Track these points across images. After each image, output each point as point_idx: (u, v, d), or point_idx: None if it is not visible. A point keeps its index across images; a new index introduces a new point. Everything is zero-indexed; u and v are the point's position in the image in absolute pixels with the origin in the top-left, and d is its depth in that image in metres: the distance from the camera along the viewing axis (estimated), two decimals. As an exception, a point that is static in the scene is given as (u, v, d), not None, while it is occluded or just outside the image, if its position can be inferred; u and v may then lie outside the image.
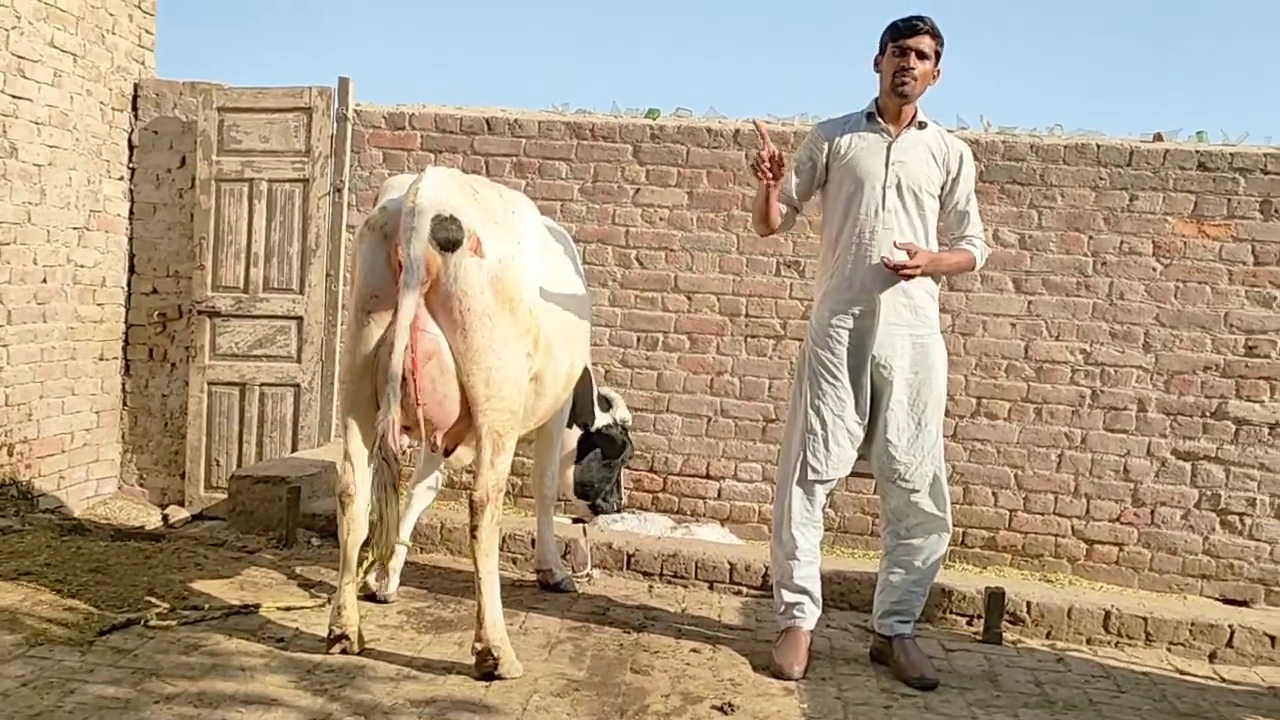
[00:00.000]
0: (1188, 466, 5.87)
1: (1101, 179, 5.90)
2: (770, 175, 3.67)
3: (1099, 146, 5.93)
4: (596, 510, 5.06)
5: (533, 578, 4.59)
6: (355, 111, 6.43)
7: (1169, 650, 4.33)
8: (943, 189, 3.82)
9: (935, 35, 3.71)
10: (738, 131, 6.20)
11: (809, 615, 3.83)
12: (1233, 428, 5.83)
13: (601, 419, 4.85)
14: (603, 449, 4.85)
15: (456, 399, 3.35)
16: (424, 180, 3.34)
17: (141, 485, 6.75)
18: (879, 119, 3.80)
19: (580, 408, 4.72)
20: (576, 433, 4.79)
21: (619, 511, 5.27)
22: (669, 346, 6.26)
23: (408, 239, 3.24)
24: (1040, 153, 5.95)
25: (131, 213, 6.69)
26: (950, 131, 4.08)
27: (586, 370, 4.63)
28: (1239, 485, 5.82)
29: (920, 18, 3.70)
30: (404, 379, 3.24)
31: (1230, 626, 4.34)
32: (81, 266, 6.28)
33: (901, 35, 3.70)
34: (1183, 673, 4.10)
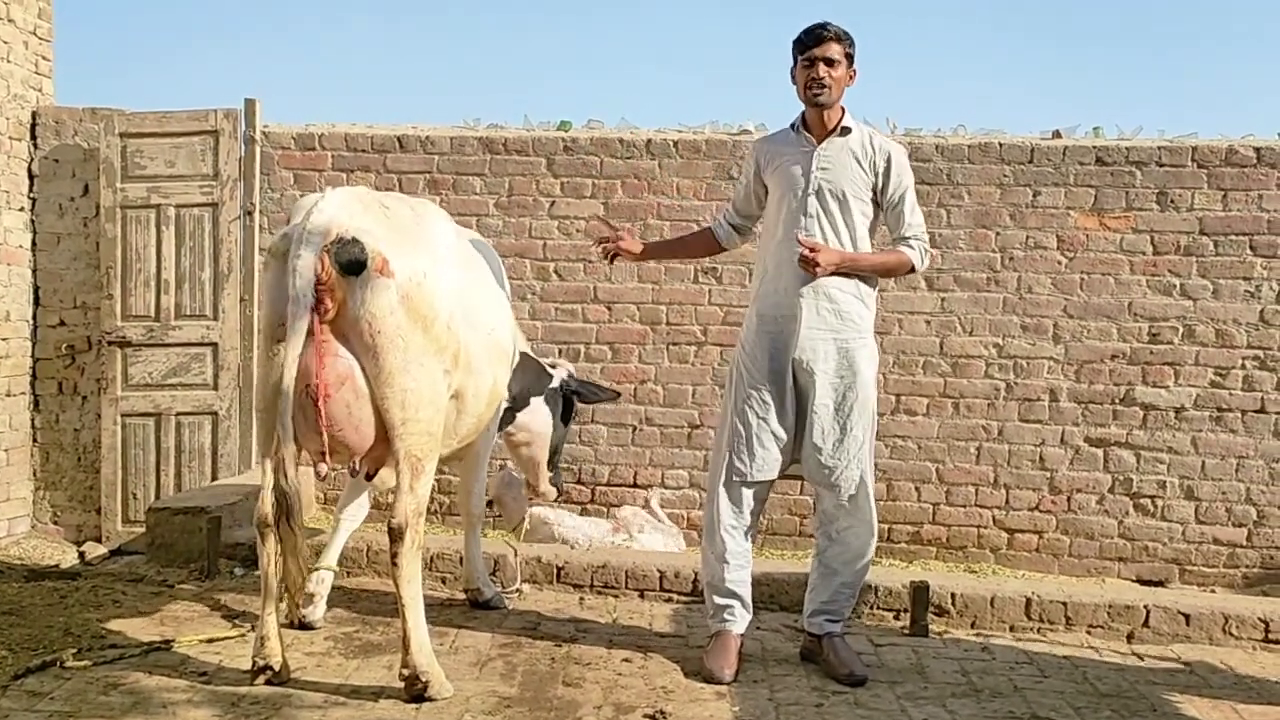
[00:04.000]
0: (1100, 453, 6.04)
1: (1005, 176, 6.06)
2: (625, 248, 4.05)
3: (1001, 145, 6.08)
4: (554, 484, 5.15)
5: (462, 596, 4.55)
6: (263, 133, 6.34)
7: (1089, 633, 4.44)
8: (874, 190, 3.86)
9: (841, 39, 3.75)
10: (650, 141, 6.24)
11: (739, 619, 3.85)
12: (1141, 413, 6.01)
13: (559, 374, 4.98)
14: (579, 398, 5.02)
15: (372, 423, 3.29)
16: (321, 203, 3.28)
17: (56, 523, 6.57)
18: (803, 129, 3.86)
19: (533, 386, 4.81)
20: (547, 412, 4.88)
21: (560, 495, 5.32)
22: (591, 357, 6.27)
23: (293, 267, 3.17)
24: (946, 153, 6.09)
25: (34, 244, 6.52)
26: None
27: (525, 355, 4.67)
28: (1149, 469, 6.00)
29: (824, 25, 3.74)
30: (316, 404, 3.19)
31: (1146, 607, 4.46)
32: (-17, 301, 6.11)
33: (807, 47, 3.75)
34: (1103, 654, 4.21)
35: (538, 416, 4.92)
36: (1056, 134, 6.19)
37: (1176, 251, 5.97)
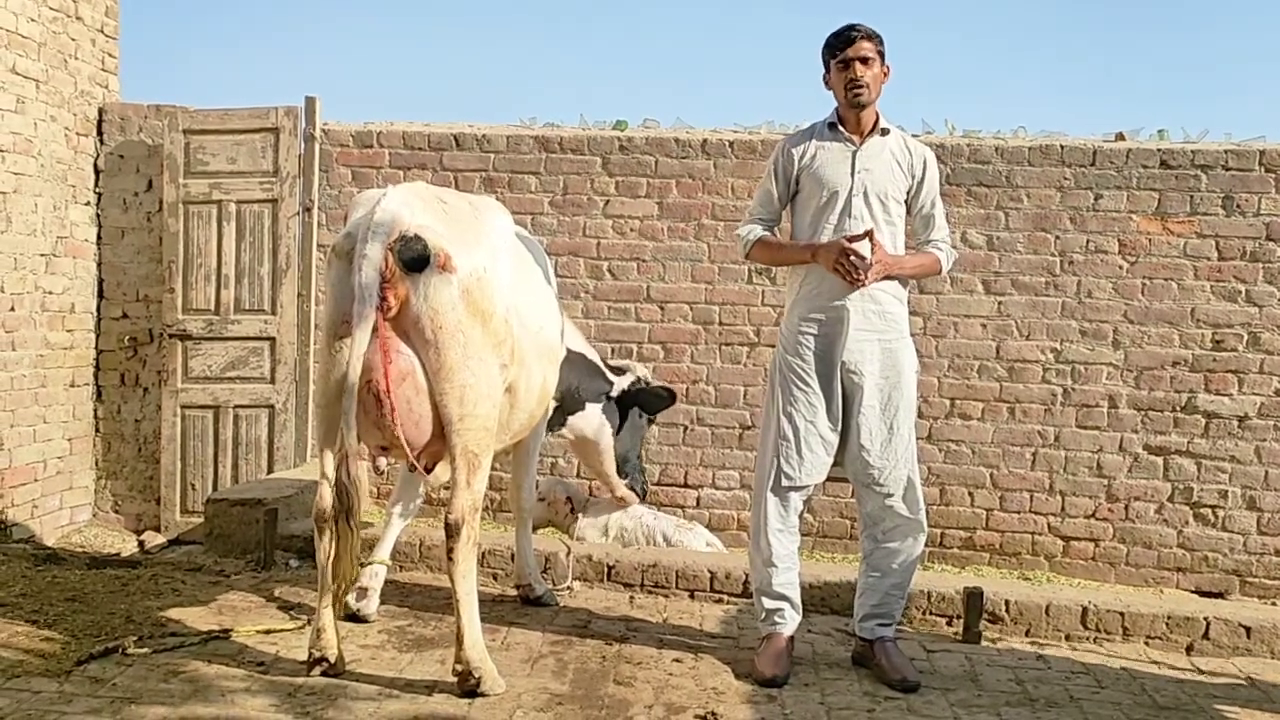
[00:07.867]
0: (1160, 461, 5.93)
1: (1066, 179, 5.97)
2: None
3: (1063, 147, 5.99)
4: (631, 489, 5.35)
5: (513, 592, 4.58)
6: (323, 131, 6.41)
7: (1147, 644, 4.37)
8: (908, 194, 3.85)
9: (872, 37, 3.74)
10: (705, 141, 6.22)
11: (789, 621, 3.84)
12: (1203, 421, 5.89)
13: (622, 382, 5.14)
14: (640, 406, 5.23)
15: (431, 418, 3.32)
16: (383, 201, 3.32)
17: (116, 512, 6.70)
18: (841, 128, 3.83)
19: (586, 389, 4.89)
20: (602, 420, 5.05)
21: (644, 496, 5.38)
22: (643, 357, 6.27)
23: (359, 266, 3.22)
24: (1005, 155, 6.01)
25: (99, 238, 6.65)
26: (915, 136, 4.11)
27: (579, 356, 4.70)
28: (1210, 478, 5.89)
29: (852, 26, 3.74)
30: (378, 399, 3.23)
31: (1206, 619, 4.38)
32: (50, 293, 6.23)
33: (839, 49, 3.74)
34: (1161, 666, 4.14)
35: (589, 420, 4.96)
36: (1120, 136, 6.09)
37: (1242, 257, 5.85)
